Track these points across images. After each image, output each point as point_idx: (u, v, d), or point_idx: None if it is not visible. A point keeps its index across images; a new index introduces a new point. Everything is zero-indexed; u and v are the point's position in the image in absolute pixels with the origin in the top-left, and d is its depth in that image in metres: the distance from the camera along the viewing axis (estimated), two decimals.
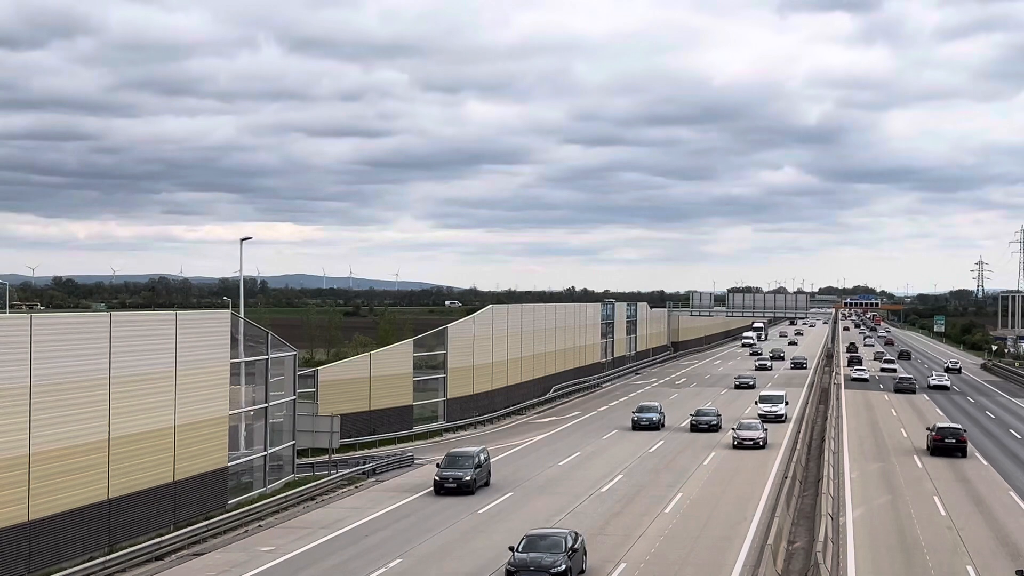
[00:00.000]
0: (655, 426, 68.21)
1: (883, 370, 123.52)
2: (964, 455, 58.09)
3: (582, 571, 32.06)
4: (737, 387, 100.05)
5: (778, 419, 71.42)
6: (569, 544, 31.30)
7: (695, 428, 67.10)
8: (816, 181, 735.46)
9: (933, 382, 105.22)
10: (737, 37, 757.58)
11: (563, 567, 30.11)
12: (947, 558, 35.25)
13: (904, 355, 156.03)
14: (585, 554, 32.68)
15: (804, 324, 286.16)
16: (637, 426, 68.23)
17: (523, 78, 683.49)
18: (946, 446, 58.37)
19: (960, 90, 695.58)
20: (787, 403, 75.22)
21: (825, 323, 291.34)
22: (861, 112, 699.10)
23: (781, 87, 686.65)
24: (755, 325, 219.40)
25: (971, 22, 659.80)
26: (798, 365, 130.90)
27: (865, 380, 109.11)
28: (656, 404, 71.94)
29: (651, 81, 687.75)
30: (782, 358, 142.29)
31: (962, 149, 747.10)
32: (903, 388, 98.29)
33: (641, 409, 70.55)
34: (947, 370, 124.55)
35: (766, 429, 61.24)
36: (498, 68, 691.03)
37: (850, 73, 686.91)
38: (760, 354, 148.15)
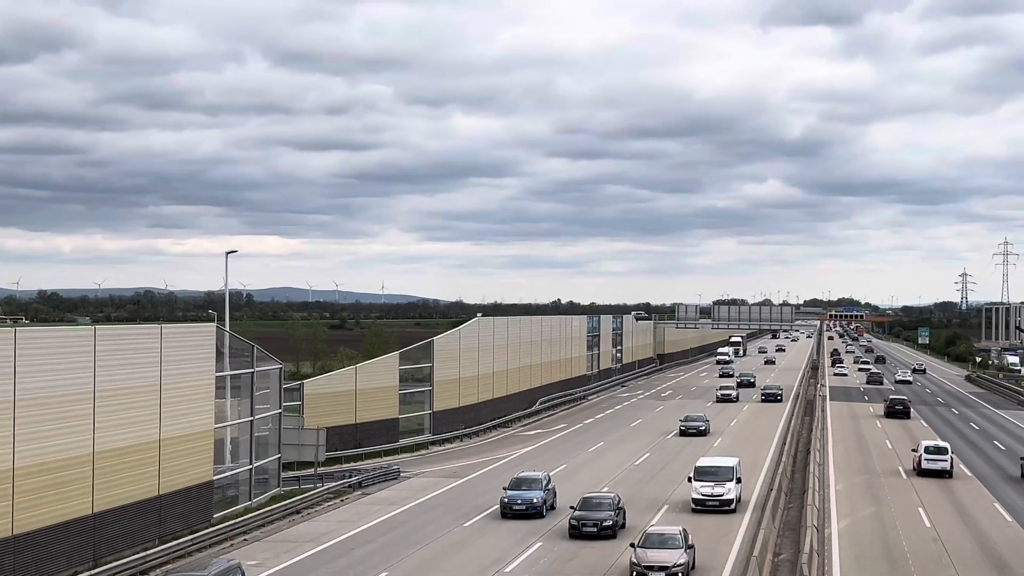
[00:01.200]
0: (536, 511, 43.36)
1: (860, 369, 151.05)
2: (908, 416, 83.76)
3: None
4: (683, 433, 71.81)
5: (724, 507, 44.34)
6: None
7: (577, 532, 39.62)
8: (800, 194, 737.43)
9: (898, 378, 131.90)
10: (721, 51, 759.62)
11: None
12: (932, 569, 35.40)
13: (880, 360, 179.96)
14: None
15: (787, 338, 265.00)
16: (508, 511, 43.67)
17: (508, 92, 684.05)
18: (895, 411, 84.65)
19: (942, 103, 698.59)
20: (739, 479, 45.72)
21: (809, 337, 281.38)
22: (844, 125, 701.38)
23: (765, 100, 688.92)
24: (732, 339, 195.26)
25: (952, 36, 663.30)
26: (770, 397, 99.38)
27: (844, 375, 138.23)
28: (540, 476, 45.42)
29: (635, 94, 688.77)
30: (752, 384, 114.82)
31: (945, 162, 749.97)
32: (873, 380, 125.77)
33: (517, 484, 44.69)
34: (913, 371, 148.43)
35: (692, 547, 34.54)
36: (483, 82, 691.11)
37: (833, 86, 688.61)
38: (730, 376, 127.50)
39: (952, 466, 55.27)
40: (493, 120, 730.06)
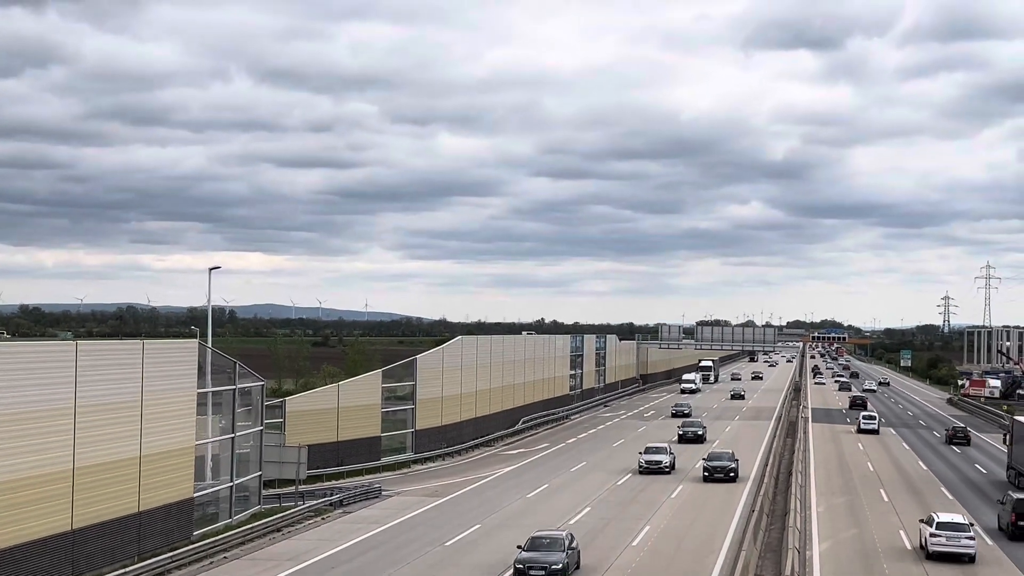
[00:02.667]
0: None
1: (835, 381, 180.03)
2: (865, 408, 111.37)
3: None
4: (518, 574, 35.30)
5: None
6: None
7: None
8: (783, 216, 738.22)
9: (865, 387, 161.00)
10: (704, 74, 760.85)
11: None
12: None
13: (854, 375, 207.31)
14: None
15: (765, 362, 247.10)
16: None
17: (493, 111, 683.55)
18: (856, 404, 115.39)
19: (923, 127, 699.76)
20: None
21: (789, 361, 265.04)
22: (826, 148, 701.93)
23: (747, 123, 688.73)
24: (702, 363, 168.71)
25: (932, 61, 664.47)
26: (718, 473, 59.33)
27: (823, 384, 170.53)
28: None
29: (620, 116, 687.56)
30: (701, 438, 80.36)
31: (926, 186, 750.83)
32: (843, 387, 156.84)
33: None
34: (879, 384, 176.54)
35: None
36: (468, 101, 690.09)
37: (815, 110, 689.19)
38: (686, 414, 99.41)
39: (879, 426, 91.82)
40: (478, 139, 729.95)
